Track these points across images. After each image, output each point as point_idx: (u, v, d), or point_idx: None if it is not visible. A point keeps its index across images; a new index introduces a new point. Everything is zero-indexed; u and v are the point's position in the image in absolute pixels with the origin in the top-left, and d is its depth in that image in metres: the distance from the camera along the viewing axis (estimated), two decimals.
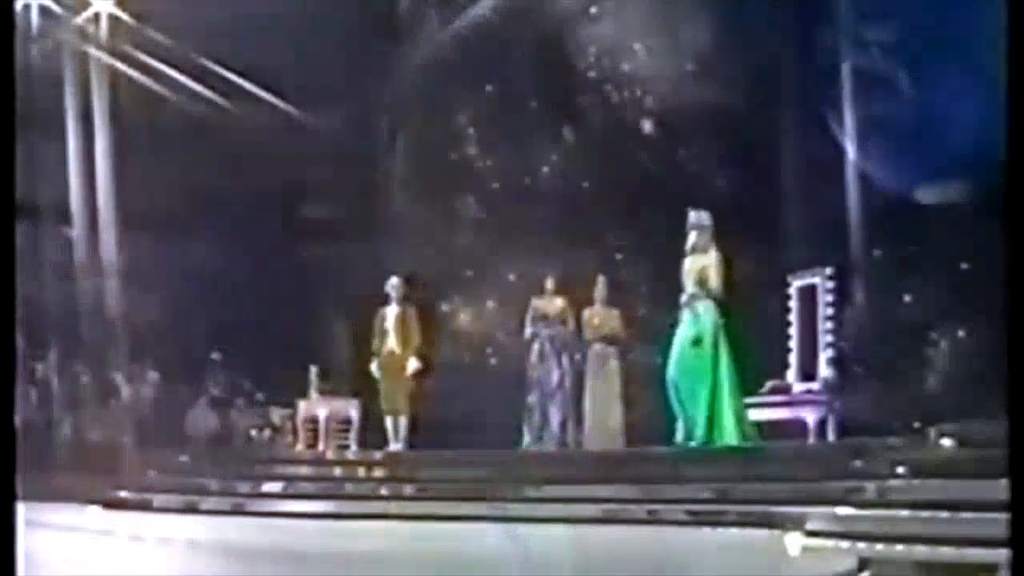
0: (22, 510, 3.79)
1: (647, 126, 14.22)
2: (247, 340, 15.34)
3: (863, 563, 6.23)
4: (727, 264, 10.70)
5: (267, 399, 15.71)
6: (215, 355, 16.13)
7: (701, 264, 10.67)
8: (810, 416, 11.34)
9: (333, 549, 8.98)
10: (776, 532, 7.93)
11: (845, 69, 12.61)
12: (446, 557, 8.23)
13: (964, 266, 11.52)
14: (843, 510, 7.49)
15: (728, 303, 10.69)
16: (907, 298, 12.38)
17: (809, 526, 7.34)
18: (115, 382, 15.90)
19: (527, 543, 8.73)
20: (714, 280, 10.60)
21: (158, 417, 15.63)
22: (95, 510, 12.15)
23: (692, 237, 10.81)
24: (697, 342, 10.47)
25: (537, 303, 13.07)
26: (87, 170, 15.53)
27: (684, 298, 10.74)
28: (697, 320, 10.57)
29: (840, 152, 12.61)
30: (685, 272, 10.81)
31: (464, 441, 12.85)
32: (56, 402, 15.88)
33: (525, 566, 7.64)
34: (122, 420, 15.27)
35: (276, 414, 15.48)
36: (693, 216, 10.83)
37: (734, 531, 8.78)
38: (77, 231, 15.83)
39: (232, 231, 15.02)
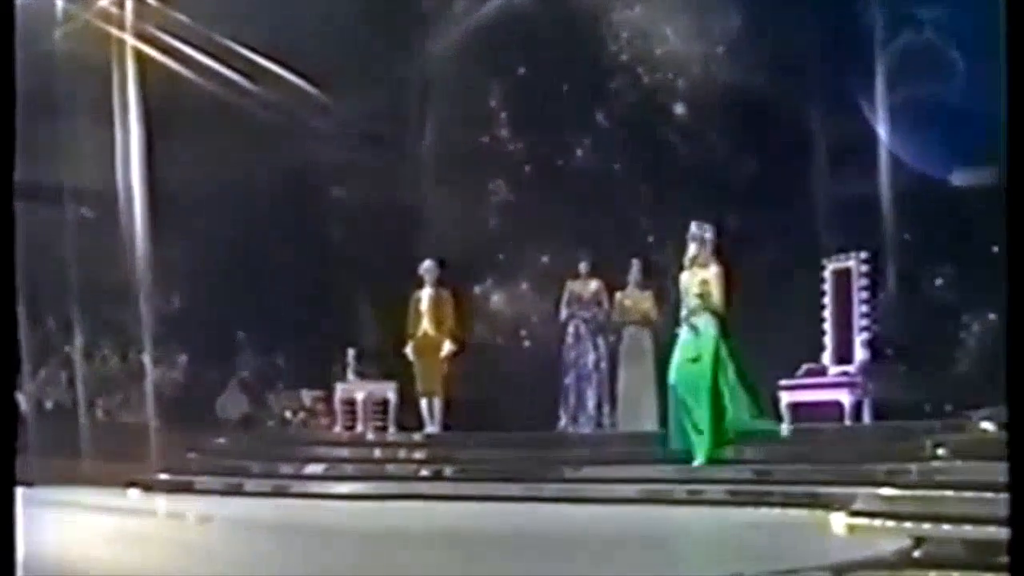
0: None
1: (679, 109, 14.15)
2: (279, 323, 15.42)
3: (918, 541, 6.31)
4: (727, 277, 10.46)
5: (297, 382, 15.78)
6: (245, 337, 16.18)
7: (702, 277, 10.39)
8: (846, 398, 11.39)
9: (372, 528, 9.09)
10: (820, 512, 8.03)
11: (878, 50, 12.57)
12: (483, 537, 8.34)
13: (995, 249, 11.52)
14: (887, 491, 7.57)
15: (731, 314, 10.45)
16: (939, 281, 12.42)
17: (855, 506, 7.43)
18: (145, 364, 15.95)
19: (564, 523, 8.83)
20: (715, 295, 10.34)
21: (193, 399, 15.72)
22: (134, 493, 12.28)
23: (692, 249, 10.49)
24: (696, 359, 10.22)
25: (572, 286, 13.14)
26: (112, 152, 15.51)
27: (683, 312, 10.47)
28: (697, 336, 10.29)
29: (873, 134, 12.59)
30: (684, 285, 10.53)
31: (499, 423, 12.94)
32: (88, 385, 15.95)
33: (563, 546, 7.72)
34: (157, 403, 15.33)
35: (307, 396, 15.55)
36: (695, 227, 10.52)
37: (777, 511, 8.85)
38: (104, 213, 15.86)
39: (265, 213, 15.05)
